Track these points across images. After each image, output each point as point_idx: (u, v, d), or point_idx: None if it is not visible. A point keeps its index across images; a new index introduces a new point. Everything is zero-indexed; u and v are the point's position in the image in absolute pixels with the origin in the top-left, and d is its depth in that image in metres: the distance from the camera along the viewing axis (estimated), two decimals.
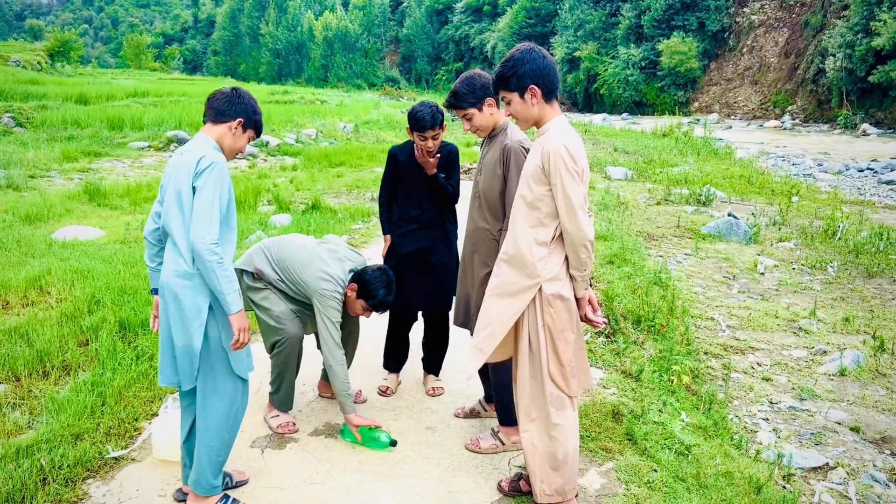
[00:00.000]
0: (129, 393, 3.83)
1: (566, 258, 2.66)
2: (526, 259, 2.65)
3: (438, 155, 3.75)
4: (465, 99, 3.24)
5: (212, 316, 2.67)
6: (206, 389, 2.75)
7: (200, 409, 2.78)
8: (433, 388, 4.13)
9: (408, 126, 3.74)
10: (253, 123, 2.86)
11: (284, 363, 3.54)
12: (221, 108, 2.78)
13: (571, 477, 2.79)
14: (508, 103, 2.74)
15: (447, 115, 3.88)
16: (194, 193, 2.59)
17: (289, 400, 3.69)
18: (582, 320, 2.79)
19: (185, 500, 2.95)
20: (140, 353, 4.28)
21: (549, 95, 2.68)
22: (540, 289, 2.65)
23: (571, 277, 2.68)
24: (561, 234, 2.63)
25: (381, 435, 3.47)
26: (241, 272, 3.54)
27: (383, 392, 4.11)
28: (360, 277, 3.44)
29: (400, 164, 3.91)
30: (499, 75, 2.72)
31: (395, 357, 4.22)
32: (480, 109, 3.27)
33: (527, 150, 3.14)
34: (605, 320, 3.02)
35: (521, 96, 2.68)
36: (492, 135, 3.35)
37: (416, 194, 3.89)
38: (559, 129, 2.64)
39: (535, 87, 2.64)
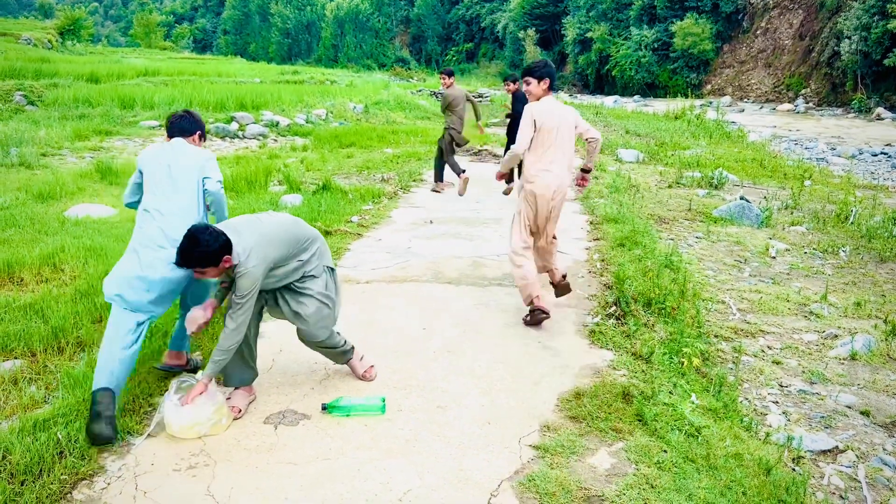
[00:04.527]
0: (143, 369, 3.86)
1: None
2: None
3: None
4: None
5: None
6: None
7: None
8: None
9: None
10: None
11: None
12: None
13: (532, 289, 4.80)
14: (528, 84, 4.87)
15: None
16: None
17: (233, 375, 3.65)
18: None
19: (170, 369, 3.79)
20: (153, 331, 4.31)
21: (551, 86, 4.88)
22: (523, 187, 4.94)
23: (589, 153, 5.07)
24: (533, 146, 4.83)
25: (370, 400, 3.63)
26: None
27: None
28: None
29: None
30: (528, 68, 4.91)
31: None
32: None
33: None
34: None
35: (539, 83, 4.85)
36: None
37: None
38: (554, 101, 4.87)
39: (547, 80, 4.85)
